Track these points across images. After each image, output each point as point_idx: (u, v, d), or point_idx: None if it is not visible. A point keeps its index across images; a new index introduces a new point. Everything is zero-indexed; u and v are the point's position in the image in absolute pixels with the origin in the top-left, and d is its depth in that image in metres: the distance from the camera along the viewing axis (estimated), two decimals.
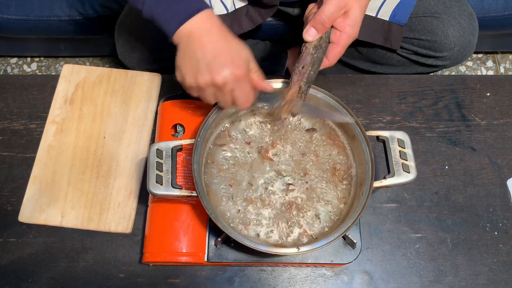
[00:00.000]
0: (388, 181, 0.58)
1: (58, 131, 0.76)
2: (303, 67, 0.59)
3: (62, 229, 0.70)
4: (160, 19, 0.55)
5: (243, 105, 0.58)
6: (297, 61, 0.59)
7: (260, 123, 0.67)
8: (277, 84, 0.64)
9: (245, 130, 0.66)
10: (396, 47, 0.83)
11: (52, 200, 0.71)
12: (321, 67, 0.61)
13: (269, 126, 0.67)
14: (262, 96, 0.60)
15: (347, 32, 0.59)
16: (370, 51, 0.90)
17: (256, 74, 0.59)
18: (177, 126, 0.69)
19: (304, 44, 0.60)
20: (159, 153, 0.58)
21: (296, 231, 0.60)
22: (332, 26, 0.60)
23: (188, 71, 0.55)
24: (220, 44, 0.54)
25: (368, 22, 0.78)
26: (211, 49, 0.53)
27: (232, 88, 0.55)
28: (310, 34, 0.59)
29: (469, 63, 1.51)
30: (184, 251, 0.62)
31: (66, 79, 0.80)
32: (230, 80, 0.54)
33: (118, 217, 0.70)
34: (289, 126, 0.67)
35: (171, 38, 0.56)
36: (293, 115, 0.62)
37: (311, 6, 0.63)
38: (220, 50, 0.54)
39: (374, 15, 0.79)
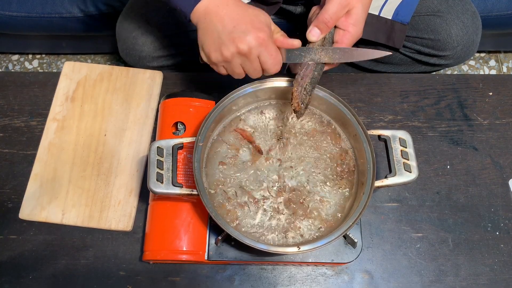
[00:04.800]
0: (390, 181, 0.58)
1: (59, 128, 0.76)
2: (307, 68, 0.58)
3: (63, 226, 0.70)
4: (176, 1, 0.55)
5: (273, 68, 0.57)
6: (301, 64, 0.59)
7: (262, 121, 0.67)
8: (280, 82, 0.63)
9: (247, 128, 0.66)
10: (398, 46, 0.83)
11: (52, 198, 0.71)
12: (326, 68, 0.61)
13: (271, 124, 0.66)
14: (290, 54, 0.59)
15: (351, 31, 0.59)
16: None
17: (279, 34, 0.58)
18: (178, 124, 0.69)
19: (308, 44, 0.60)
20: (159, 151, 0.58)
21: (297, 230, 0.60)
22: (335, 26, 0.60)
23: (212, 47, 0.55)
24: (238, 13, 0.54)
25: (371, 20, 0.78)
26: (230, 19, 0.53)
27: (259, 53, 0.55)
28: (313, 34, 0.59)
29: (472, 62, 1.51)
30: (184, 249, 0.62)
31: (67, 76, 0.80)
32: (255, 45, 0.54)
33: (118, 215, 0.70)
34: (290, 125, 0.67)
35: (189, 18, 0.56)
36: (298, 117, 0.61)
37: (315, 9, 0.63)
38: (239, 19, 0.54)
39: (376, 13, 0.78)
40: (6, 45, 1.39)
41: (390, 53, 0.59)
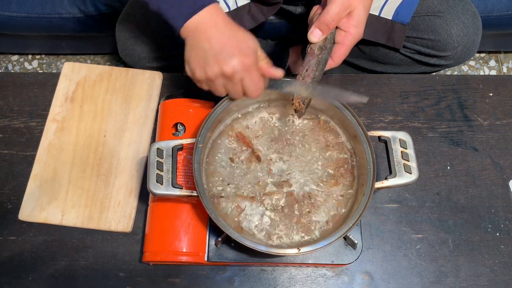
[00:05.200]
0: (390, 182, 0.58)
1: (59, 129, 0.76)
2: (307, 69, 0.58)
3: (62, 227, 0.70)
4: (167, 14, 0.56)
5: (254, 93, 0.57)
6: (302, 62, 0.59)
7: (262, 122, 0.66)
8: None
9: (247, 130, 0.66)
10: (399, 46, 0.83)
11: (52, 199, 0.71)
12: (326, 68, 0.61)
13: (271, 125, 0.66)
14: (272, 83, 0.59)
15: (352, 32, 0.59)
16: (372, 50, 0.89)
17: (264, 61, 0.59)
18: (178, 125, 0.69)
19: (309, 45, 0.60)
20: (159, 152, 0.57)
21: (297, 232, 0.60)
22: (336, 27, 0.60)
23: (197, 64, 0.55)
24: (226, 35, 0.54)
25: (371, 21, 0.78)
26: (217, 40, 0.54)
27: (242, 78, 0.55)
28: (315, 35, 0.59)
29: (472, 63, 1.50)
30: (184, 250, 0.62)
31: (67, 77, 0.80)
32: (239, 69, 0.54)
33: (118, 216, 0.70)
34: (290, 126, 0.66)
35: (178, 32, 0.56)
36: (299, 116, 0.61)
37: (316, 8, 0.63)
38: (227, 41, 0.54)
39: (377, 14, 0.78)
40: (6, 45, 1.38)
41: (366, 99, 0.59)
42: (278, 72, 0.59)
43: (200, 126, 0.60)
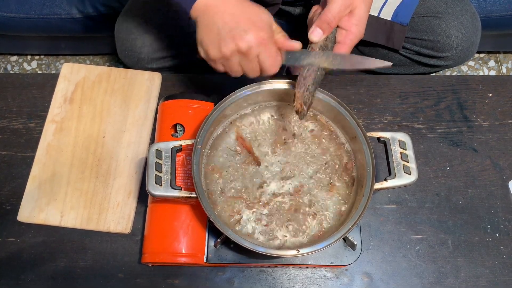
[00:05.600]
0: (389, 183, 0.58)
1: (58, 130, 0.76)
2: (309, 69, 0.58)
3: (61, 228, 0.70)
4: None
5: (271, 68, 0.56)
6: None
7: (261, 123, 0.66)
8: (279, 84, 0.63)
9: (247, 131, 0.66)
10: (398, 47, 0.83)
11: (51, 200, 0.71)
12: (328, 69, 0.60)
13: (270, 126, 0.66)
14: (290, 56, 0.58)
15: (353, 31, 0.58)
16: (372, 50, 0.89)
17: (280, 34, 0.57)
18: (177, 126, 0.69)
19: (309, 45, 0.59)
20: (158, 153, 0.57)
21: (296, 233, 0.59)
22: (337, 26, 0.59)
23: (211, 43, 0.54)
24: (239, 10, 0.53)
25: (370, 21, 0.77)
26: (230, 16, 0.53)
27: (258, 53, 0.54)
28: (315, 34, 0.58)
29: (471, 63, 1.50)
30: (183, 251, 0.62)
31: (66, 78, 0.80)
32: (255, 44, 0.53)
33: (117, 217, 0.70)
34: (289, 127, 0.66)
35: (189, 14, 0.55)
36: (301, 118, 0.60)
37: (315, 8, 0.62)
38: (240, 16, 0.53)
39: (376, 14, 0.78)
40: (5, 46, 1.38)
41: (390, 64, 0.58)
42: (296, 44, 0.58)
43: (199, 127, 0.60)
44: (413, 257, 0.70)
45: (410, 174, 0.58)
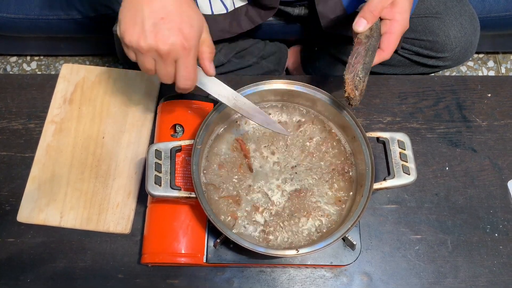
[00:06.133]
0: (388, 183, 0.58)
1: (57, 131, 0.76)
2: (357, 56, 0.56)
3: (61, 229, 0.70)
4: None
5: (184, 81, 0.52)
6: (351, 53, 0.57)
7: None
8: (279, 85, 0.63)
9: (245, 131, 0.66)
10: (397, 47, 0.83)
11: (51, 200, 0.71)
12: (379, 60, 0.58)
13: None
14: (202, 79, 0.55)
15: (398, 19, 0.57)
16: None
17: (206, 47, 0.53)
18: (177, 127, 0.69)
19: (355, 36, 0.58)
20: (158, 154, 0.57)
21: (295, 233, 0.60)
22: (381, 19, 0.58)
23: (130, 28, 0.48)
24: (172, 4, 0.48)
25: None
26: (160, 7, 0.47)
27: (177, 58, 0.50)
28: (360, 24, 0.56)
29: (470, 63, 1.51)
30: (183, 252, 0.62)
31: (65, 78, 0.80)
32: (176, 50, 0.48)
33: (117, 218, 0.70)
34: (288, 128, 0.67)
35: None
36: (352, 105, 0.57)
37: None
38: (170, 12, 0.48)
39: None
40: (4, 46, 1.38)
41: (290, 134, 0.56)
42: (212, 70, 0.54)
43: (198, 127, 0.60)
44: (412, 257, 0.70)
45: (409, 174, 0.58)
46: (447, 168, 0.76)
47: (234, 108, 0.58)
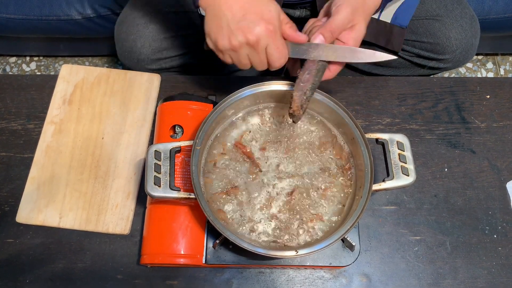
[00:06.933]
0: (387, 184, 0.58)
1: (57, 131, 0.76)
2: (308, 73, 0.58)
3: (60, 230, 0.70)
4: None
5: (277, 61, 0.56)
6: (302, 68, 0.59)
7: (260, 124, 0.67)
8: (277, 86, 0.63)
9: (245, 132, 0.66)
10: (397, 49, 0.83)
11: (50, 201, 0.71)
12: (323, 78, 0.60)
13: (268, 128, 0.66)
14: (297, 49, 0.58)
15: (351, 44, 0.59)
16: None
17: (287, 25, 0.58)
18: (176, 127, 0.69)
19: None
20: (157, 154, 0.57)
21: (295, 234, 0.60)
22: (336, 39, 0.60)
23: (219, 34, 0.54)
24: (247, 2, 0.54)
25: (371, 24, 0.78)
26: (239, 8, 0.53)
27: (266, 45, 0.54)
28: (318, 41, 0.58)
29: (469, 65, 1.51)
30: (182, 253, 0.62)
31: (65, 79, 0.80)
32: (264, 36, 0.53)
33: (116, 218, 0.70)
34: (288, 129, 0.67)
35: (197, 3, 0.56)
36: (295, 122, 0.61)
37: (312, 21, 0.63)
38: (249, 8, 0.53)
39: (376, 17, 0.79)
40: (4, 47, 1.38)
41: (395, 57, 0.58)
42: (303, 37, 0.58)
43: (198, 128, 0.60)
44: (411, 258, 0.70)
45: (408, 176, 0.58)
46: (446, 170, 0.76)
47: (337, 60, 0.59)
